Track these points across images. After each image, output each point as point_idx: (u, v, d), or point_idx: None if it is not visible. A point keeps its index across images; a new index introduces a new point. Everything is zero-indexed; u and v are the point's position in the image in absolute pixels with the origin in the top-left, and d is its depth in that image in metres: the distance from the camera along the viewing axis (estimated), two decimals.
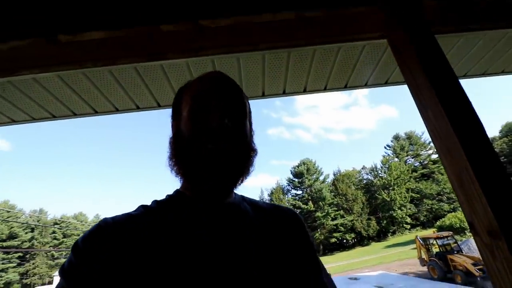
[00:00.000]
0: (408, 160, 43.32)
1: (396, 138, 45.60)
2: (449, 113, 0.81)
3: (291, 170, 45.59)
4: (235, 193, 0.63)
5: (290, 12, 0.96)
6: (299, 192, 44.00)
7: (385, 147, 45.75)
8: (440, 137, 0.85)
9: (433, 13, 1.01)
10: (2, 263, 32.87)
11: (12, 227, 34.61)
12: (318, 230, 38.12)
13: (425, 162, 41.90)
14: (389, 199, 36.76)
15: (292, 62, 1.22)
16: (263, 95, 1.40)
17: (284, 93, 1.41)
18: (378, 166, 42.56)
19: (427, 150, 42.78)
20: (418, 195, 37.97)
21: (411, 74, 0.97)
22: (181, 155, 0.53)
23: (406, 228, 37.59)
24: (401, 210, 36.42)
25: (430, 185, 37.94)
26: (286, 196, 44.00)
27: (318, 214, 38.50)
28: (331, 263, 27.93)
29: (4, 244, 33.05)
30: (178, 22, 0.94)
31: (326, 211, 38.54)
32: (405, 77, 1.01)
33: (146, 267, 0.43)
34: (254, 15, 0.95)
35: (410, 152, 43.54)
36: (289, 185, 45.11)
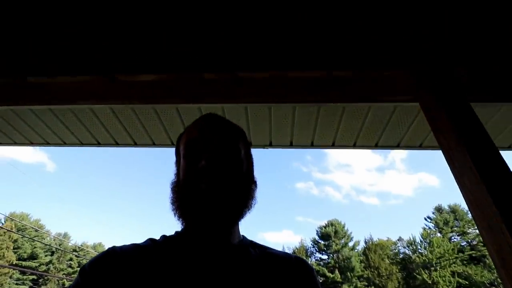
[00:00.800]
0: (453, 238, 38.24)
1: (439, 210, 41.30)
2: (487, 181, 0.75)
3: (317, 230, 42.61)
4: (243, 237, 0.64)
5: (322, 70, 1.03)
6: (325, 256, 40.22)
7: (425, 219, 41.32)
8: (478, 207, 0.77)
9: (467, 81, 1.01)
10: (16, 284, 33.26)
11: (35, 247, 35.78)
12: None
13: (474, 243, 36.55)
14: (430, 282, 31.75)
15: (322, 116, 1.26)
16: (291, 145, 1.43)
17: (312, 145, 1.43)
18: (417, 240, 38.02)
19: (475, 229, 37.65)
20: (467, 282, 32.35)
21: (445, 139, 0.94)
22: (179, 198, 0.56)
23: None
24: None
25: (481, 271, 32.37)
26: (310, 259, 40.43)
27: (345, 287, 34.23)
28: None
29: (23, 263, 33.90)
30: (219, 72, 1.05)
31: (354, 284, 34.21)
32: (438, 142, 0.97)
33: None
34: (287, 70, 1.04)
35: (456, 228, 38.65)
36: (313, 247, 41.68)
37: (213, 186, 0.52)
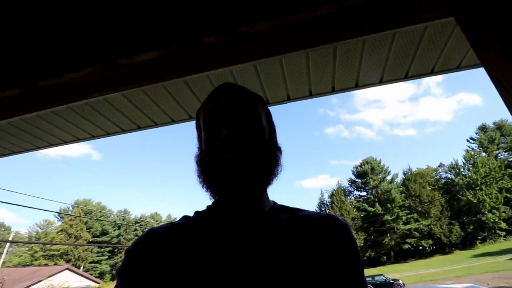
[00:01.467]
0: (500, 155, 36.36)
1: (483, 129, 38.75)
2: None
3: (352, 170, 42.98)
4: (273, 202, 0.64)
5: (330, 5, 0.89)
6: (363, 193, 41.09)
7: (467, 140, 39.29)
8: None
9: None
10: (97, 256, 39.16)
11: (103, 225, 41.00)
12: (388, 235, 34.89)
13: None
14: (476, 201, 31.33)
15: (340, 57, 1.14)
16: (311, 95, 1.34)
17: (333, 91, 1.32)
18: (460, 163, 36.77)
19: None
20: None
21: (489, 55, 0.80)
22: (204, 171, 0.57)
23: (500, 235, 31.54)
24: (493, 213, 30.65)
25: None
26: (349, 197, 41.59)
27: (387, 217, 35.24)
28: (406, 271, 25.23)
29: (98, 239, 39.35)
30: (218, 34, 0.96)
31: (396, 214, 35.04)
32: (480, 60, 0.83)
33: (177, 273, 0.48)
34: (292, 14, 0.91)
35: (502, 144, 36.43)
36: (351, 186, 42.56)
37: (237, 154, 0.52)
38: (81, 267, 31.30)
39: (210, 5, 1.01)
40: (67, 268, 21.10)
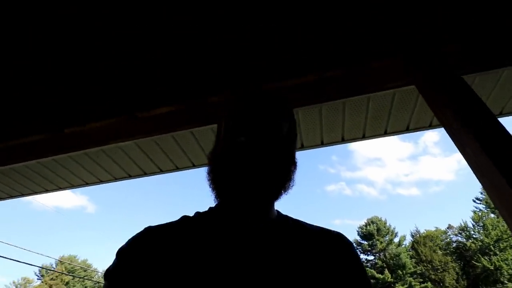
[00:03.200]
0: None
1: None
2: (487, 148, 0.78)
3: (357, 231, 40.77)
4: (278, 212, 0.63)
5: (314, 74, 1.11)
6: (370, 257, 38.25)
7: (473, 200, 38.16)
8: (484, 174, 0.79)
9: (458, 55, 1.04)
10: None
11: (86, 287, 37.39)
12: None
13: None
14: (492, 268, 29.00)
15: (325, 115, 1.33)
16: (302, 147, 1.50)
17: (322, 144, 1.49)
18: (469, 225, 35.15)
19: None
20: None
21: (444, 115, 0.97)
22: (215, 170, 0.57)
23: None
24: None
25: None
26: None
27: (399, 286, 32.15)
28: None
29: None
30: (223, 92, 1.17)
31: (408, 282, 32.05)
32: (438, 120, 1.01)
33: (172, 274, 0.46)
34: (280, 81, 1.12)
35: None
36: (357, 249, 39.87)
37: (249, 163, 0.51)
38: None
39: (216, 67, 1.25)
40: None
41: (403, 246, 36.96)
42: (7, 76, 1.39)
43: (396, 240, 37.58)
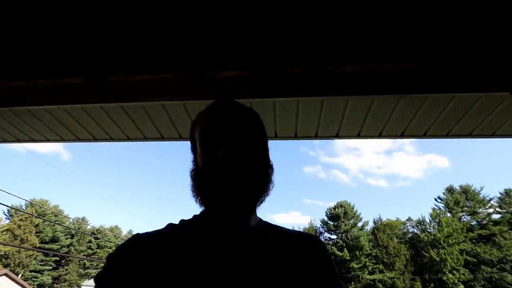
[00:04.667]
0: (463, 218, 38.13)
1: (450, 190, 40.90)
2: None
3: (326, 212, 43.15)
4: (259, 219, 0.66)
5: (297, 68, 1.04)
6: (334, 236, 41.02)
7: (435, 199, 41.15)
8: None
9: None
10: (40, 265, 35.27)
11: (55, 231, 37.59)
12: (353, 283, 34.45)
13: (484, 222, 36.40)
14: (438, 259, 32.18)
15: (326, 110, 1.29)
16: (296, 137, 1.47)
17: (316, 136, 1.46)
18: (427, 220, 38.13)
19: (486, 208, 37.20)
20: (475, 260, 32.58)
21: None
22: (199, 187, 0.59)
23: None
24: (453, 274, 31.39)
25: (489, 249, 32.45)
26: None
27: (354, 264, 35.03)
28: None
29: (46, 246, 35.82)
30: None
31: (363, 262, 34.99)
32: None
33: (159, 281, 0.48)
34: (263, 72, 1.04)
35: (466, 208, 38.43)
36: (322, 227, 42.47)
37: (232, 176, 0.54)
38: (20, 275, 28.03)
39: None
40: (5, 274, 18.85)
41: (364, 230, 39.80)
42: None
43: (359, 224, 40.32)
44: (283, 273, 0.53)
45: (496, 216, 35.22)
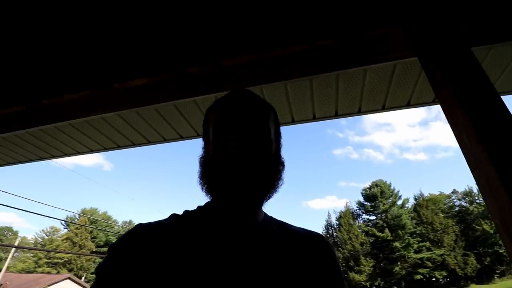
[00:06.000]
0: None
1: None
2: (486, 141, 0.68)
3: (361, 193, 41.93)
4: (265, 214, 0.64)
5: (304, 44, 0.98)
6: (372, 217, 39.79)
7: None
8: (478, 167, 0.71)
9: (469, 26, 0.89)
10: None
11: (108, 236, 40.90)
12: (398, 263, 33.31)
13: None
14: (492, 232, 29.85)
15: (316, 88, 1.22)
16: (293, 121, 1.41)
17: (315, 118, 1.39)
18: (475, 190, 35.41)
19: None
20: None
21: (443, 94, 0.86)
22: (208, 175, 0.57)
23: None
24: None
25: None
26: (357, 221, 40.33)
27: (397, 244, 33.79)
28: None
29: (102, 250, 39.19)
30: (199, 65, 1.06)
31: (407, 241, 33.60)
32: (437, 98, 0.89)
33: (162, 271, 0.47)
34: (268, 51, 1.00)
35: None
36: (359, 209, 41.36)
37: (243, 167, 0.52)
38: (83, 278, 31.08)
39: (196, 39, 1.12)
40: (69, 278, 21.03)
41: (405, 208, 38.03)
42: None
43: (399, 203, 38.59)
44: (288, 269, 0.52)
45: None
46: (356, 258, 33.99)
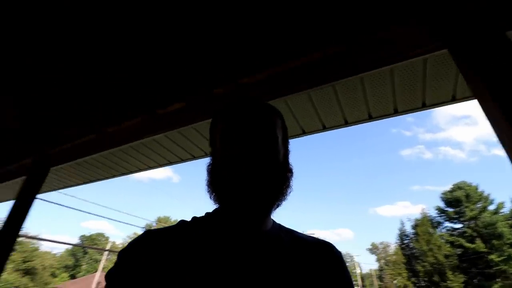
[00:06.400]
0: None
1: None
2: None
3: (441, 197, 36.59)
4: (273, 221, 0.64)
5: (315, 53, 0.99)
6: (458, 225, 34.25)
7: None
8: None
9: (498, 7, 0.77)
10: None
11: None
12: (497, 279, 27.79)
13: None
14: None
15: (342, 94, 1.19)
16: (324, 128, 1.39)
17: (347, 123, 1.35)
18: None
19: None
20: None
21: (477, 88, 0.76)
22: (215, 183, 0.57)
23: None
24: None
25: None
26: (437, 229, 35.21)
27: (494, 257, 28.30)
28: None
29: None
30: (223, 86, 1.16)
31: (507, 254, 27.88)
32: (472, 92, 0.80)
33: (168, 277, 0.47)
34: (279, 64, 1.04)
35: None
36: (440, 216, 36.07)
37: (250, 175, 0.52)
38: None
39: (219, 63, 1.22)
40: None
41: (500, 214, 31.73)
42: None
43: (491, 207, 32.41)
44: (295, 276, 0.51)
45: None
46: (441, 272, 29.61)
